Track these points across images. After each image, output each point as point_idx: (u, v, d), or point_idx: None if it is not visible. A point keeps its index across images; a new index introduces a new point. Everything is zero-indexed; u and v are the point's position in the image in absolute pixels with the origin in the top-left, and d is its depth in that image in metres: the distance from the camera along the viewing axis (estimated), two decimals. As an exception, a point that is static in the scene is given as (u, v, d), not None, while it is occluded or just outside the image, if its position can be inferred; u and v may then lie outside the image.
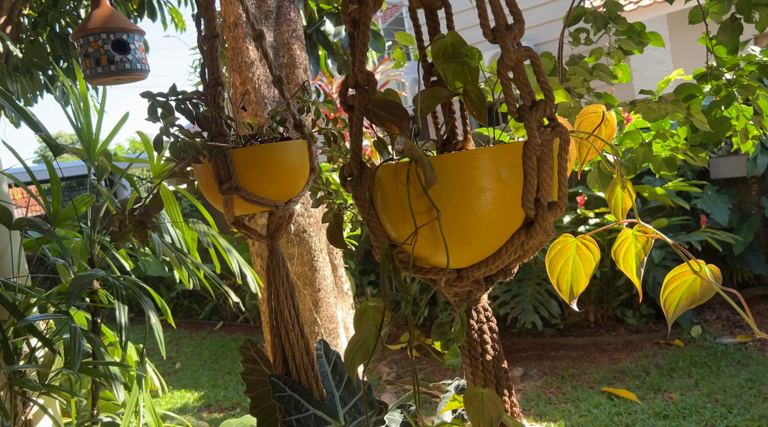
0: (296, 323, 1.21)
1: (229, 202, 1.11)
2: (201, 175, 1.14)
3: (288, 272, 1.21)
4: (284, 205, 1.14)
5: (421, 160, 0.56)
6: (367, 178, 0.64)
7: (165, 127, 0.96)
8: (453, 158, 0.59)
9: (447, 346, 0.59)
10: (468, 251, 0.61)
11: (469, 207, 0.58)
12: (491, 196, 0.58)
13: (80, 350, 1.55)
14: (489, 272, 0.62)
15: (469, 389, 0.59)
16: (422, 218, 0.59)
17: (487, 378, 0.66)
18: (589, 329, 4.64)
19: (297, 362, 1.21)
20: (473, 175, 0.58)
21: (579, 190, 4.34)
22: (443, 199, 0.58)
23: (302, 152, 1.16)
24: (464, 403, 0.56)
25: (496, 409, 0.55)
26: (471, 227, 0.59)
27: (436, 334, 0.61)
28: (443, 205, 0.58)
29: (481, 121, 0.66)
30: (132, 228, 1.15)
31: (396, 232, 0.63)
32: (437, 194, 0.58)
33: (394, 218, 0.62)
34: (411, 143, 0.56)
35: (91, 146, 1.76)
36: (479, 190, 0.58)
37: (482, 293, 0.66)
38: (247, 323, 7.32)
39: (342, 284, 2.99)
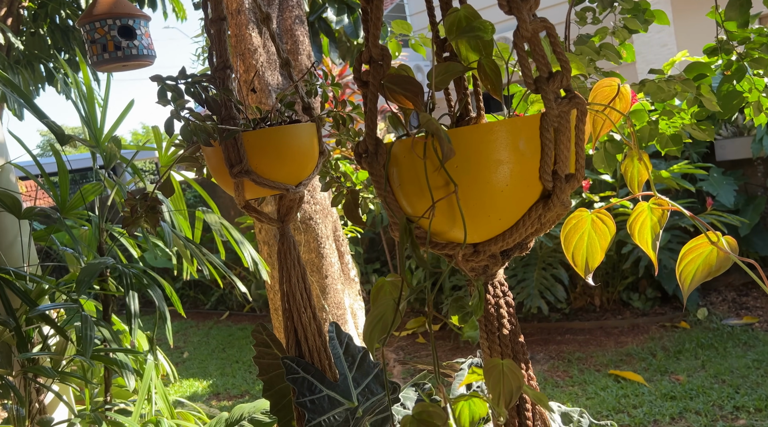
0: (308, 305, 1.21)
1: (240, 185, 1.11)
2: (211, 159, 1.14)
3: (299, 256, 1.22)
4: (294, 188, 1.14)
5: (438, 133, 0.56)
6: (382, 154, 0.64)
7: (176, 111, 0.96)
8: (470, 131, 0.58)
9: (465, 319, 0.59)
10: (485, 225, 0.61)
11: (487, 180, 0.58)
12: (508, 169, 0.58)
13: (92, 338, 1.56)
14: (506, 245, 0.62)
15: (489, 360, 0.59)
16: (439, 193, 0.60)
17: (504, 352, 0.66)
18: (595, 313, 4.65)
19: (310, 344, 1.21)
20: (490, 148, 0.58)
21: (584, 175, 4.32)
22: (460, 173, 0.58)
23: (311, 135, 1.16)
24: (484, 374, 0.56)
25: (516, 380, 0.55)
26: (488, 200, 0.59)
27: (454, 307, 0.61)
28: (460, 179, 0.58)
29: (496, 96, 0.66)
30: (144, 213, 1.15)
31: (412, 207, 0.64)
32: (454, 168, 0.58)
33: (411, 193, 0.62)
34: (428, 116, 0.56)
35: (98, 134, 1.76)
36: (496, 163, 0.58)
37: (499, 268, 0.66)
38: (253, 313, 7.36)
39: (349, 270, 3.00)
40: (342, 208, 0.65)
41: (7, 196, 1.74)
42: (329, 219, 2.86)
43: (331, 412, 1.16)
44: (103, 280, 1.89)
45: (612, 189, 4.28)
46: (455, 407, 0.63)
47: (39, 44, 5.01)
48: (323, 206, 2.81)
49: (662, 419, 2.91)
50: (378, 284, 0.67)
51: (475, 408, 0.61)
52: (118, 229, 2.01)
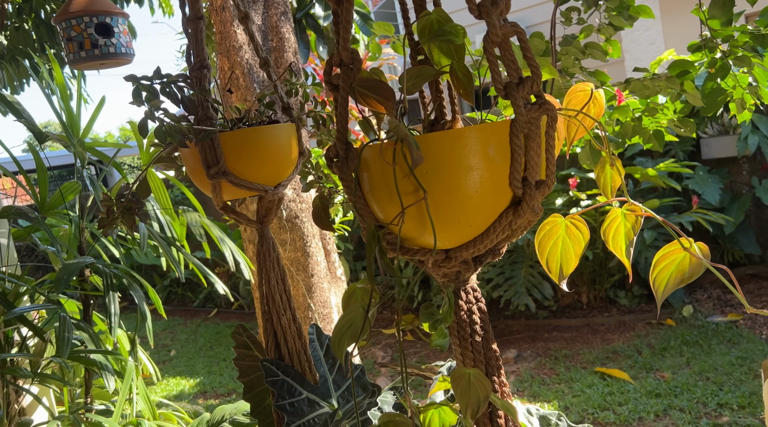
0: (288, 307, 1.21)
1: (218, 187, 1.10)
2: (188, 160, 1.12)
3: (279, 257, 1.21)
4: (273, 189, 1.13)
5: (407, 139, 0.55)
6: (353, 159, 0.63)
7: (150, 111, 0.94)
8: (440, 137, 0.58)
9: (434, 326, 0.59)
10: (456, 231, 0.60)
11: (457, 186, 0.57)
12: (478, 176, 0.57)
13: (69, 339, 1.54)
14: (477, 252, 0.62)
15: (457, 369, 0.58)
16: (409, 199, 0.59)
17: (477, 358, 0.66)
18: (582, 311, 4.67)
19: (290, 346, 1.21)
20: (460, 154, 0.57)
21: (571, 172, 4.34)
22: (430, 179, 0.58)
23: (290, 135, 1.15)
24: (452, 383, 0.56)
25: (483, 389, 0.55)
26: (458, 206, 0.58)
27: (424, 315, 0.60)
28: (430, 185, 0.58)
29: (468, 100, 0.65)
30: (120, 214, 1.14)
31: (383, 213, 0.63)
32: (424, 174, 0.57)
33: (381, 199, 0.62)
34: (396, 122, 0.55)
35: (73, 132, 1.74)
36: (466, 170, 0.57)
37: (471, 274, 0.65)
38: (241, 310, 7.33)
39: (335, 269, 2.99)
40: (312, 214, 0.64)
41: (-16, 195, 1.71)
42: (315, 217, 2.84)
43: (310, 415, 1.16)
44: (83, 279, 1.87)
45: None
46: (425, 415, 0.63)
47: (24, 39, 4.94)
48: (309, 205, 2.79)
49: (647, 417, 2.93)
50: (349, 290, 0.66)
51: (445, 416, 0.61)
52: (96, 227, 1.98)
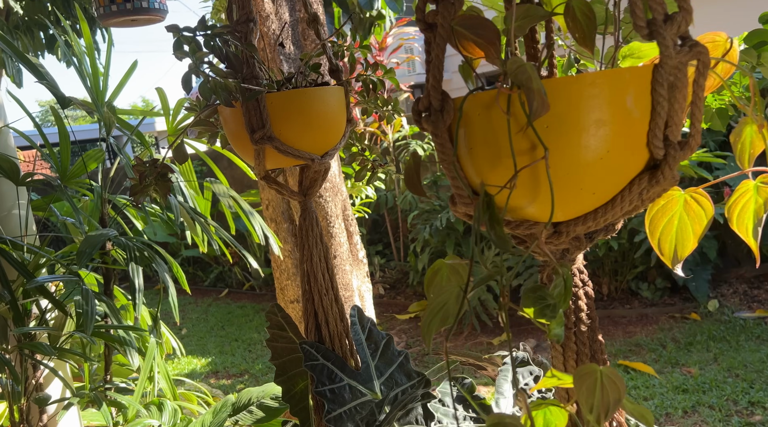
0: (330, 287, 1.12)
1: (261, 153, 1.01)
2: (229, 123, 1.03)
3: (321, 233, 1.12)
4: (320, 158, 1.04)
5: (530, 83, 0.46)
6: (449, 111, 0.53)
7: (195, 64, 0.85)
8: (567, 83, 0.48)
9: (544, 313, 0.49)
10: (574, 200, 0.51)
11: (584, 145, 0.48)
12: (611, 132, 0.48)
13: (93, 313, 1.47)
14: (595, 226, 0.52)
15: (585, 365, 0.49)
16: (522, 159, 0.49)
17: (581, 351, 0.57)
18: (602, 302, 4.58)
19: (331, 328, 1.12)
20: (591, 105, 0.47)
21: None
22: (551, 135, 0.48)
23: (340, 100, 1.05)
24: (575, 381, 0.47)
25: (615, 391, 0.46)
26: (582, 169, 0.49)
27: (530, 299, 0.51)
28: (550, 142, 0.48)
29: (586, 46, 0.55)
30: (153, 181, 1.05)
31: (482, 176, 0.53)
32: (544, 128, 0.48)
33: (483, 159, 0.52)
34: (520, 61, 0.46)
35: (99, 97, 1.65)
36: (597, 124, 0.48)
37: (580, 252, 0.56)
38: (252, 291, 7.29)
39: (357, 251, 2.90)
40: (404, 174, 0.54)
41: (5, 160, 1.63)
42: (339, 197, 2.75)
43: (352, 403, 1.07)
44: (104, 252, 1.80)
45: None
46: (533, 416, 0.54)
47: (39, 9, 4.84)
48: (333, 183, 2.71)
49: (674, 413, 2.84)
50: (435, 267, 0.57)
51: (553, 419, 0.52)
52: (121, 199, 1.91)
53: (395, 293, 5.87)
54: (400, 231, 5.96)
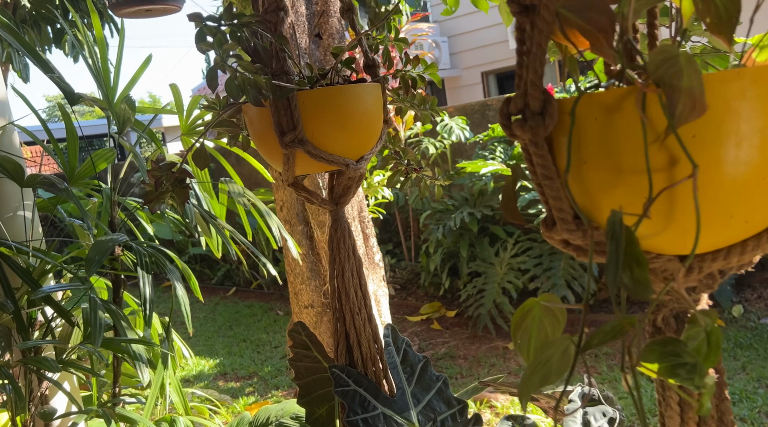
0: (363, 305, 1.01)
1: (291, 158, 0.90)
2: (255, 124, 0.93)
3: (355, 245, 1.01)
4: (355, 163, 0.94)
5: (677, 80, 0.35)
6: (552, 116, 0.43)
7: (221, 58, 0.74)
8: (722, 80, 0.37)
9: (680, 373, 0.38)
10: (719, 229, 0.40)
11: (741, 160, 0.37)
12: (779, 145, 0.37)
13: (101, 325, 1.37)
14: (739, 261, 0.41)
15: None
16: (658, 177, 0.38)
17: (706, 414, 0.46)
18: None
19: (363, 351, 1.02)
20: (754, 109, 0.36)
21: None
22: (698, 147, 0.37)
23: (377, 98, 0.95)
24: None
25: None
26: (736, 191, 0.38)
27: (655, 353, 0.40)
28: (697, 157, 0.37)
29: (721, 35, 0.44)
30: (170, 187, 0.95)
31: (593, 197, 0.42)
32: (689, 138, 0.37)
33: (598, 176, 0.41)
34: (671, 52, 0.35)
35: (110, 93, 1.55)
36: (762, 134, 0.37)
37: (710, 291, 0.45)
38: (260, 290, 7.20)
39: (374, 254, 2.80)
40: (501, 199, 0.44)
41: (8, 161, 1.53)
42: (355, 198, 2.65)
43: (388, 434, 0.97)
44: (114, 258, 1.70)
45: None
46: None
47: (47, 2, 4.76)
48: (350, 184, 2.60)
49: (703, 425, 2.73)
50: (525, 307, 0.47)
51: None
52: (132, 202, 1.81)
53: (406, 294, 5.76)
54: (411, 231, 5.86)
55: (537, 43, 0.43)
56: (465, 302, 4.81)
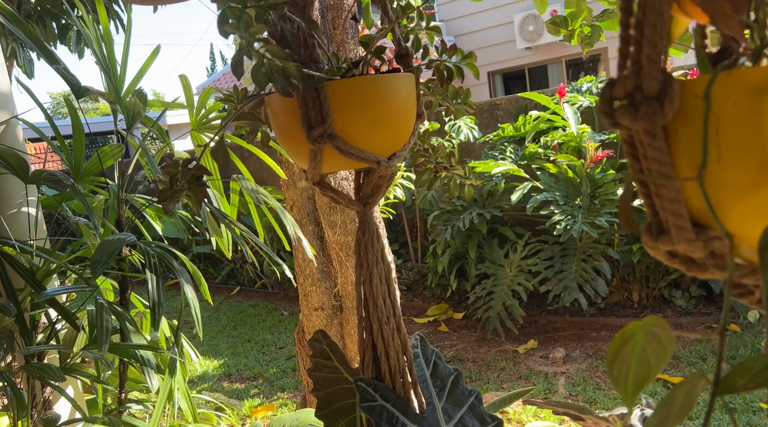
0: (392, 314, 0.94)
1: (319, 154, 0.83)
2: (279, 117, 0.85)
3: (383, 249, 0.94)
4: (387, 161, 0.86)
5: None
6: (673, 100, 0.35)
7: (248, 42, 0.67)
8: None
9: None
10: None
11: None
12: None
13: (108, 330, 1.30)
14: None
15: None
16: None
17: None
18: (633, 310, 4.38)
19: (392, 363, 0.94)
20: None
21: None
22: None
23: (411, 90, 0.87)
24: None
25: None
26: None
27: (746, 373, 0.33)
28: None
29: None
30: (186, 185, 0.87)
31: (726, 200, 0.35)
32: None
33: (735, 175, 0.34)
34: None
35: (118, 85, 1.48)
36: None
37: None
38: (264, 289, 7.14)
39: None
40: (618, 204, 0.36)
41: (12, 156, 1.46)
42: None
43: (419, 454, 0.90)
44: (120, 258, 1.62)
45: None
46: None
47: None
48: (363, 184, 2.53)
49: (723, 435, 2.65)
50: (626, 332, 0.39)
51: None
52: (139, 200, 1.73)
53: (412, 295, 5.69)
54: (417, 231, 5.78)
55: (655, 8, 0.35)
56: (473, 304, 4.74)
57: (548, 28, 1.54)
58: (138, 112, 1.33)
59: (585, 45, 1.53)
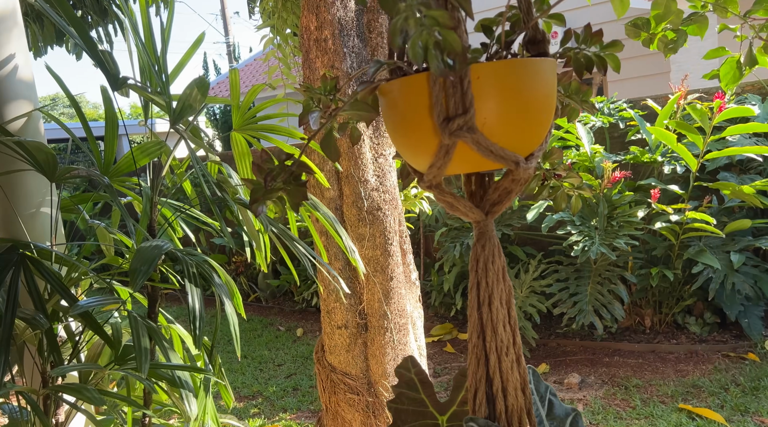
0: (512, 344, 0.80)
1: (451, 150, 0.70)
2: (400, 106, 0.72)
3: (505, 267, 0.80)
4: (525, 162, 0.73)
5: None
6: None
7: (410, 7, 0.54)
8: None
9: None
10: None
11: None
12: None
13: (147, 351, 1.15)
14: None
15: None
16: None
17: None
18: (645, 335, 4.27)
19: (509, 402, 0.80)
20: None
21: (652, 183, 3.93)
22: None
23: (554, 79, 0.75)
24: None
25: None
26: None
27: None
28: None
29: None
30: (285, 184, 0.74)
31: None
32: None
33: None
34: None
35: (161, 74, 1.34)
36: None
37: None
38: (258, 303, 6.96)
39: (410, 272, 2.58)
40: None
41: (38, 150, 1.31)
42: (396, 211, 2.45)
43: None
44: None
45: (683, 201, 3.89)
46: None
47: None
48: (392, 195, 2.40)
49: (759, 471, 2.53)
50: None
51: None
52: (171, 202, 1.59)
53: (414, 313, 5.54)
54: (421, 247, 5.65)
55: None
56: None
57: (627, 31, 1.44)
58: (190, 104, 1.19)
59: (669, 50, 1.42)
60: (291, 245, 1.49)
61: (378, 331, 2.36)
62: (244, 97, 1.53)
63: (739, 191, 3.65)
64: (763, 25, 1.26)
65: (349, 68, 2.25)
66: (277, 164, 0.74)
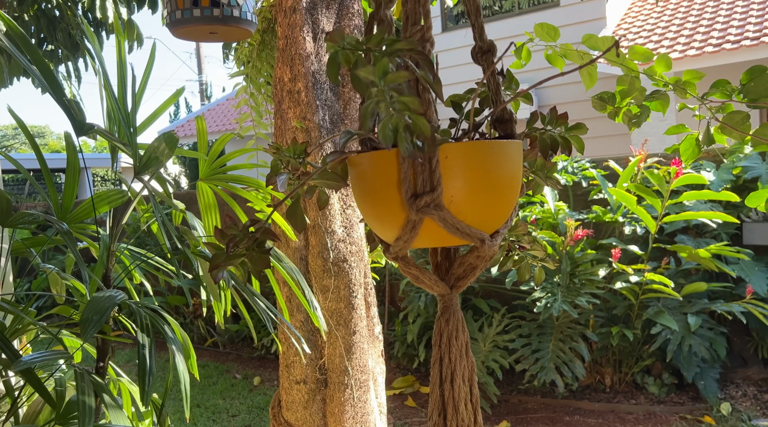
0: (473, 422, 0.78)
1: (418, 226, 0.70)
2: (369, 179, 0.72)
3: (468, 342, 0.79)
4: (490, 239, 0.73)
5: None
6: None
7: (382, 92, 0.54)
8: None
9: None
10: None
11: None
12: None
13: (92, 410, 1.09)
14: None
15: None
16: None
17: None
18: (605, 394, 4.28)
19: (469, 482, 0.78)
20: None
21: (613, 243, 4.02)
22: None
23: (520, 159, 0.76)
24: None
25: None
26: None
27: None
28: None
29: None
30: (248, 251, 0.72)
31: None
32: None
33: None
34: None
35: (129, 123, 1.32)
36: None
37: None
38: (215, 348, 6.75)
39: (374, 325, 2.55)
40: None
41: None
42: (363, 262, 2.43)
43: None
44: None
45: (644, 261, 3.98)
46: None
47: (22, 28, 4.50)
48: (359, 247, 2.38)
49: None
50: None
51: None
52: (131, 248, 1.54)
53: (376, 364, 5.45)
54: (386, 296, 5.61)
55: None
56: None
57: (594, 104, 1.49)
58: (157, 157, 1.17)
59: (633, 124, 1.48)
60: (251, 300, 1.45)
61: (338, 387, 2.30)
62: (212, 146, 1.52)
63: (696, 255, 3.76)
64: (719, 107, 1.32)
65: (321, 121, 2.27)
66: (240, 231, 0.72)
